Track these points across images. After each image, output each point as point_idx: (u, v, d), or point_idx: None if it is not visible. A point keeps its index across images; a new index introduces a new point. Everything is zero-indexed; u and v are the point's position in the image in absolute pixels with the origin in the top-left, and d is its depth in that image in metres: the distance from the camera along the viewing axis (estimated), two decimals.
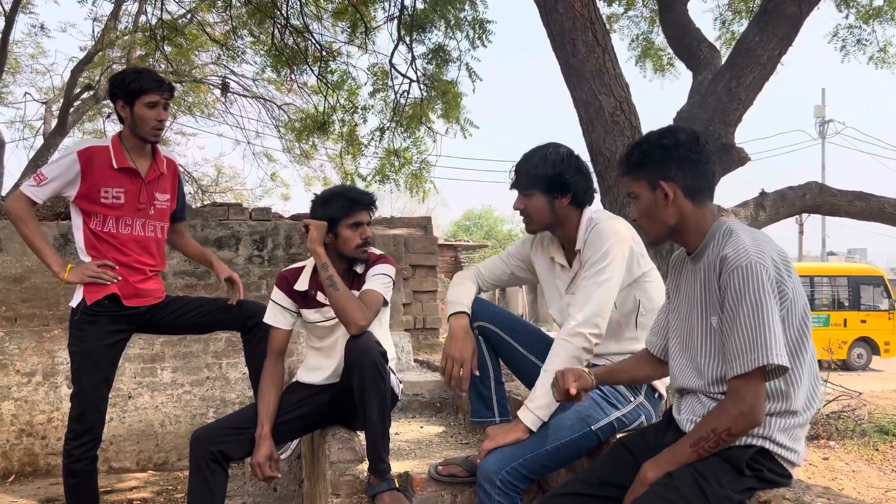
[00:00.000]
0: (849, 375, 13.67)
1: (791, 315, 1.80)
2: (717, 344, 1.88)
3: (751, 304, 1.74)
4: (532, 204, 2.56)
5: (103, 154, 3.03)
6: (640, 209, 2.02)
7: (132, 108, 3.01)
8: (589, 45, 4.32)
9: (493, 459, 2.36)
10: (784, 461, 1.82)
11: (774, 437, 1.80)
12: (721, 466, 1.78)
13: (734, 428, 1.76)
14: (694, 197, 1.96)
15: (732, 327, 1.78)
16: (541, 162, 2.54)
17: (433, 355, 5.62)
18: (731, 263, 1.79)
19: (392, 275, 2.96)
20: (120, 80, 3.05)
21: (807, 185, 5.57)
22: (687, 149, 1.95)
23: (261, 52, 9.94)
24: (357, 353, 2.66)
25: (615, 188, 4.42)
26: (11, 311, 5.32)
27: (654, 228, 2.02)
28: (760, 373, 1.74)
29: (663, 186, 1.95)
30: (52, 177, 3.00)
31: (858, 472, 7.51)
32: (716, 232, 1.93)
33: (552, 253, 2.69)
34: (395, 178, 9.11)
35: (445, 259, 20.31)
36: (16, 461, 5.29)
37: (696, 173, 1.96)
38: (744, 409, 1.75)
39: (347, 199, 2.88)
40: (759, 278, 1.75)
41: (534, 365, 2.69)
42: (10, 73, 13.40)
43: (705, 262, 1.93)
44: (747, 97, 4.79)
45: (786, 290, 1.79)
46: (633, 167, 2.02)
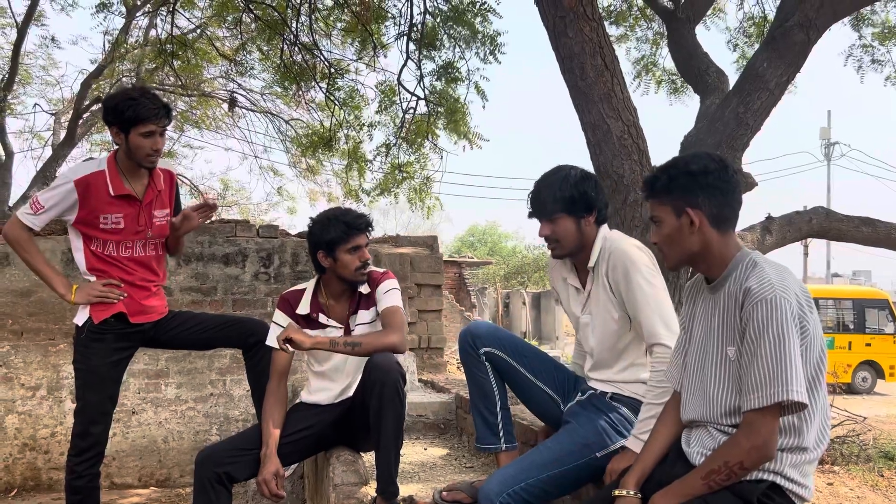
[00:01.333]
0: (853, 399, 13.57)
1: (809, 352, 1.79)
2: (731, 375, 1.87)
3: (774, 337, 1.73)
4: (559, 228, 2.53)
5: (99, 181, 2.98)
6: (662, 234, 1.99)
7: (127, 136, 2.92)
8: (598, 70, 4.34)
9: (495, 482, 2.36)
10: (795, 496, 1.80)
11: (785, 472, 1.79)
12: (732, 501, 1.77)
13: (746, 461, 1.75)
14: (720, 226, 1.94)
15: (753, 360, 1.76)
16: (563, 184, 2.52)
17: (437, 375, 5.61)
18: (755, 296, 1.77)
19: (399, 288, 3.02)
20: (114, 106, 2.94)
21: (813, 210, 5.56)
22: (716, 177, 1.92)
23: (269, 68, 10.00)
24: (378, 372, 2.67)
25: (622, 210, 4.42)
26: (18, 325, 5.33)
27: (675, 254, 2.00)
28: (777, 408, 1.73)
29: (690, 214, 1.93)
30: (48, 206, 2.97)
31: (863, 498, 7.43)
32: (739, 262, 1.91)
33: (564, 274, 2.68)
34: (395, 192, 9.14)
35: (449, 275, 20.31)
36: (18, 475, 5.28)
37: (724, 202, 1.94)
38: (757, 443, 1.74)
39: (344, 224, 2.89)
40: (783, 312, 1.73)
41: (540, 390, 2.69)
42: (20, 84, 13.50)
43: (726, 292, 1.91)
44: (755, 122, 4.80)
45: (807, 325, 1.78)
46: (658, 191, 1.99)
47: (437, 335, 6.09)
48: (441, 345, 6.10)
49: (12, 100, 13.33)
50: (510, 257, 33.61)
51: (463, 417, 4.09)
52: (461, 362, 2.79)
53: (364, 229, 2.93)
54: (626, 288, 2.43)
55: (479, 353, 2.67)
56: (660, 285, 2.44)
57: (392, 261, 5.99)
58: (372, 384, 2.68)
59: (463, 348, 2.72)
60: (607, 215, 2.60)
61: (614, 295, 2.48)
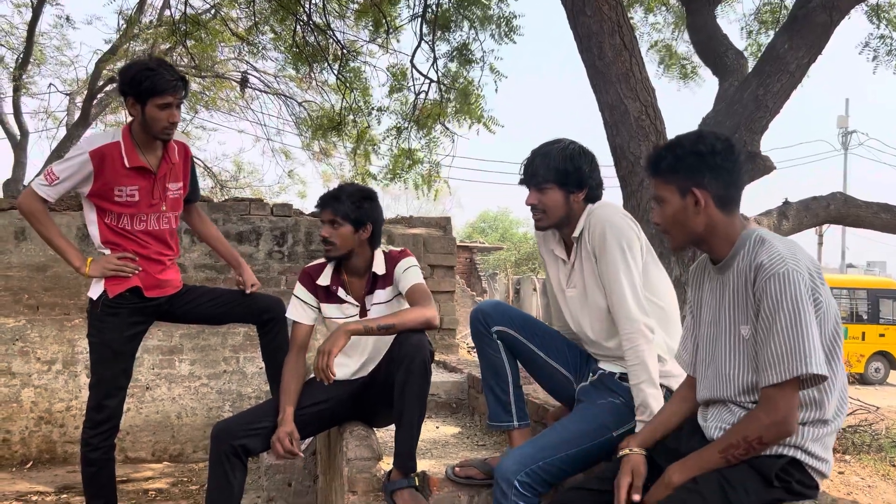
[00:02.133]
0: (866, 389, 13.52)
1: (824, 324, 1.78)
2: (746, 354, 1.85)
3: (789, 312, 1.71)
4: (547, 199, 2.51)
5: (115, 152, 2.95)
6: (666, 215, 1.97)
7: (143, 107, 2.89)
8: (616, 49, 4.30)
9: (512, 460, 2.35)
10: (814, 472, 1.79)
11: (807, 447, 1.78)
12: (749, 474, 1.76)
13: (766, 437, 1.74)
14: (725, 206, 1.92)
15: (769, 336, 1.74)
16: (559, 156, 2.49)
17: (449, 356, 5.62)
18: (767, 271, 1.76)
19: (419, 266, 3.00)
20: (131, 77, 2.90)
21: (831, 196, 5.51)
22: (723, 157, 1.90)
23: (282, 48, 9.97)
24: (408, 347, 2.65)
25: (639, 193, 4.40)
26: (34, 300, 5.37)
27: (679, 235, 1.98)
28: (796, 382, 1.72)
29: (696, 193, 1.90)
30: (63, 177, 2.94)
31: (874, 487, 7.41)
32: (746, 240, 1.89)
33: (552, 246, 2.65)
34: (404, 177, 9.12)
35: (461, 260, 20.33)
36: (34, 448, 5.34)
37: (729, 182, 1.92)
38: (777, 419, 1.73)
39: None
40: (797, 286, 1.72)
41: (553, 368, 2.67)
42: (35, 64, 13.53)
43: (735, 270, 1.89)
44: (774, 105, 4.75)
45: (820, 298, 1.77)
46: (663, 171, 1.96)
47: (449, 316, 6.09)
48: (453, 325, 6.10)
49: (27, 79, 13.37)
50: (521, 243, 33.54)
51: (475, 397, 4.09)
52: (473, 341, 2.77)
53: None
54: (601, 253, 2.41)
55: (492, 331, 2.65)
56: (637, 257, 2.40)
57: (405, 241, 5.98)
58: (401, 359, 2.66)
59: (475, 327, 2.70)
60: (600, 195, 2.55)
61: (598, 265, 2.45)
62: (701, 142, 1.93)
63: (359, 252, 2.93)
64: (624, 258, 2.38)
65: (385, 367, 2.84)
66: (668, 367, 2.41)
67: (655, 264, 2.51)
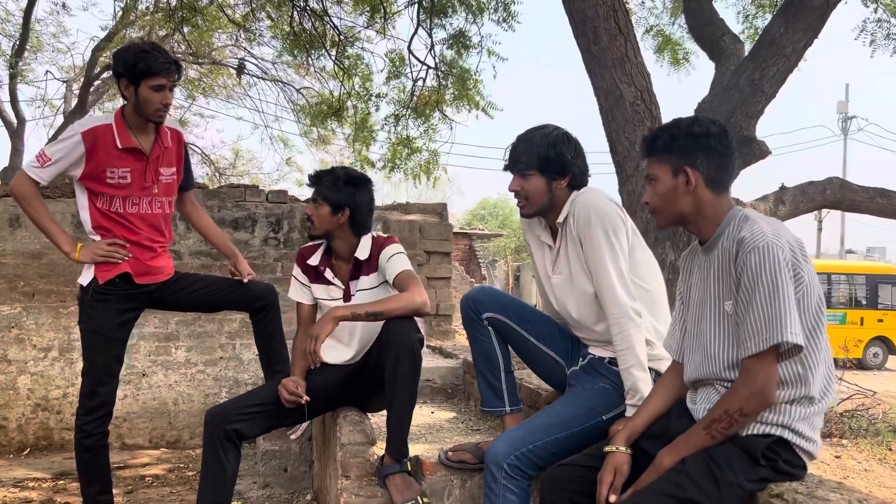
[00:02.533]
0: (864, 374, 13.54)
1: (807, 299, 1.79)
2: (730, 330, 1.87)
3: (768, 283, 1.74)
4: (529, 185, 2.50)
5: (107, 134, 2.95)
6: (657, 193, 2.00)
7: (137, 89, 2.90)
8: (611, 34, 4.28)
9: (501, 443, 2.35)
10: (802, 451, 1.80)
11: (794, 426, 1.78)
12: (735, 454, 1.77)
13: (746, 408, 1.76)
14: (715, 187, 1.95)
15: (748, 308, 1.77)
16: (541, 142, 2.47)
17: (445, 341, 5.63)
18: (748, 245, 1.79)
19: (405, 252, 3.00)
20: (125, 58, 2.91)
21: (827, 181, 5.51)
22: (717, 140, 1.94)
23: (279, 34, 9.93)
24: (395, 334, 2.66)
25: (634, 178, 4.39)
26: (29, 287, 5.37)
27: (667, 213, 2.01)
28: (774, 352, 1.74)
29: (688, 173, 1.94)
30: (55, 158, 2.93)
31: (871, 471, 7.45)
32: (731, 219, 1.93)
33: (538, 232, 2.64)
34: (403, 167, 9.10)
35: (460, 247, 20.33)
36: (31, 435, 5.36)
37: (721, 165, 1.95)
38: (755, 389, 1.74)
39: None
40: (775, 259, 1.75)
41: (544, 353, 2.67)
42: (31, 51, 13.49)
43: (720, 249, 1.92)
44: (770, 89, 4.73)
45: (801, 273, 1.79)
46: (658, 150, 2.00)
47: (445, 302, 6.10)
48: (449, 312, 6.11)
49: (23, 67, 13.32)
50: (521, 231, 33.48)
51: (470, 382, 4.10)
52: (464, 327, 2.77)
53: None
54: (585, 238, 2.40)
55: (482, 317, 2.65)
56: (623, 242, 2.39)
57: (401, 228, 5.97)
58: (388, 345, 2.67)
59: (465, 313, 2.70)
60: (585, 182, 2.53)
61: (583, 250, 2.44)
62: (697, 124, 1.97)
63: (339, 235, 2.93)
64: (609, 243, 2.37)
65: (375, 352, 2.85)
66: (656, 351, 2.41)
67: (642, 248, 2.50)
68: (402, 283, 2.82)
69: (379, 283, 2.94)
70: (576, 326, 2.59)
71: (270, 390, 2.93)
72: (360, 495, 2.62)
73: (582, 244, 2.43)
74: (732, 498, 1.74)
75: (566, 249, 2.51)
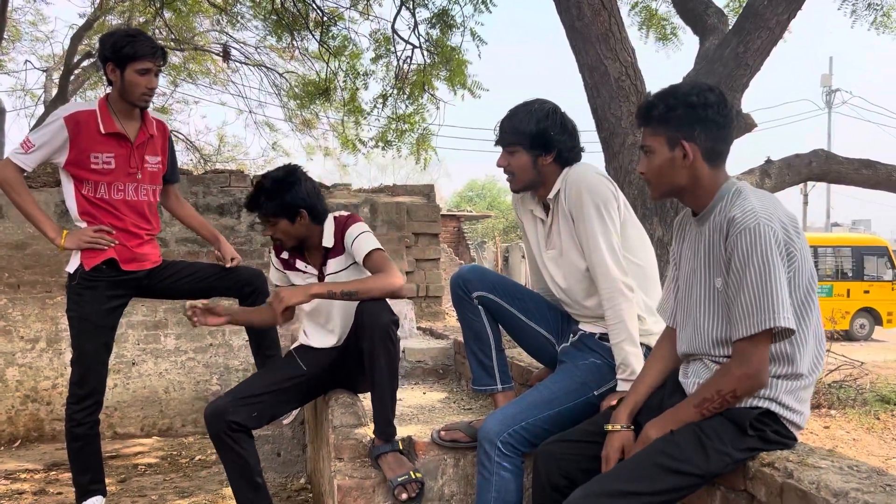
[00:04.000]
0: (851, 346, 13.69)
1: (798, 276, 1.78)
2: (721, 306, 1.86)
3: (758, 266, 1.71)
4: (515, 161, 2.49)
5: (90, 119, 2.97)
6: (652, 165, 1.94)
7: (122, 72, 2.93)
8: (595, 9, 4.25)
9: (494, 421, 2.36)
10: (789, 423, 1.81)
11: (780, 398, 1.79)
12: (724, 425, 1.78)
13: (739, 390, 1.76)
14: (712, 160, 1.90)
15: (739, 289, 1.75)
16: (525, 118, 2.46)
17: (436, 323, 5.63)
18: (738, 225, 1.75)
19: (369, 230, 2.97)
20: (112, 42, 2.95)
21: (813, 153, 5.51)
22: (715, 111, 1.87)
23: (260, 16, 9.81)
24: (368, 317, 2.66)
25: (620, 154, 4.38)
26: (14, 278, 5.32)
27: (662, 186, 1.96)
28: (767, 335, 1.73)
29: (685, 146, 1.88)
30: (39, 144, 2.94)
31: (859, 440, 7.54)
32: (725, 193, 1.88)
33: (531, 206, 2.63)
34: (397, 144, 9.04)
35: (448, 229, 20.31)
36: (21, 426, 5.34)
37: (719, 136, 1.89)
38: (749, 371, 1.74)
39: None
40: (766, 240, 1.72)
41: (534, 331, 2.68)
42: (10, 40, 13.27)
43: (711, 223, 1.89)
44: (755, 62, 4.71)
45: (794, 251, 1.77)
46: (653, 120, 1.92)
47: (435, 284, 6.09)
48: (439, 293, 6.11)
49: (2, 56, 13.14)
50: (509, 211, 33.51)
51: (461, 362, 4.10)
52: (454, 307, 2.77)
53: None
54: (577, 214, 2.40)
55: (472, 296, 2.65)
56: (614, 216, 2.39)
57: (388, 210, 5.95)
58: (363, 329, 2.68)
59: (455, 293, 2.70)
60: (575, 157, 2.50)
61: (574, 225, 2.44)
62: (694, 93, 1.89)
63: (308, 233, 2.91)
64: (601, 218, 2.37)
65: (353, 334, 2.85)
66: (647, 326, 2.42)
67: (634, 224, 2.50)
68: (374, 264, 2.81)
69: (348, 265, 2.93)
70: (567, 302, 2.59)
71: (266, 379, 2.93)
72: (353, 476, 2.62)
73: (574, 219, 2.42)
74: (721, 466, 1.76)
75: (558, 225, 2.50)
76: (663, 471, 1.75)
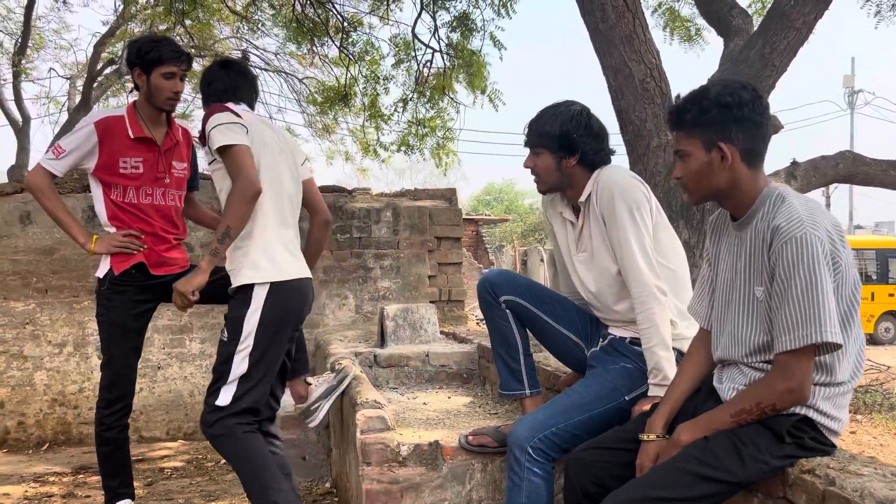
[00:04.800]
0: (876, 349, 13.50)
1: (843, 286, 1.73)
2: (759, 315, 1.81)
3: (804, 277, 1.66)
4: (540, 162, 2.49)
5: (119, 124, 3.03)
6: (689, 169, 1.88)
7: (149, 77, 3.00)
8: (619, 11, 4.24)
9: (524, 426, 2.35)
10: (827, 430, 1.77)
11: (818, 405, 1.75)
12: (760, 432, 1.74)
13: (780, 404, 1.71)
14: (751, 161, 1.83)
15: (784, 301, 1.69)
16: (550, 120, 2.46)
17: (458, 327, 5.62)
18: (784, 234, 1.69)
19: (226, 120, 2.67)
20: (138, 48, 3.03)
21: (840, 155, 5.45)
22: (750, 109, 1.80)
23: (280, 23, 9.88)
24: None
25: (645, 157, 4.35)
26: (42, 283, 5.38)
27: (700, 190, 1.90)
28: (811, 349, 1.68)
29: (722, 149, 1.81)
30: (69, 149, 3.00)
31: (886, 445, 7.43)
32: (766, 198, 1.82)
33: (562, 209, 2.62)
34: (419, 147, 9.06)
35: (467, 233, 20.30)
36: (49, 430, 5.39)
37: (756, 136, 1.83)
38: (792, 386, 1.69)
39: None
40: (813, 251, 1.66)
41: (563, 335, 2.66)
42: (34, 48, 13.46)
43: (753, 229, 1.83)
44: (781, 63, 4.67)
45: (839, 260, 1.71)
46: (687, 124, 1.86)
47: (457, 288, 6.08)
48: (461, 297, 6.09)
49: (27, 64, 13.31)
50: (527, 214, 33.45)
51: (485, 367, 4.09)
52: (481, 311, 2.76)
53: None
54: (609, 217, 2.38)
55: (500, 300, 2.64)
56: (646, 219, 2.37)
57: (411, 214, 5.95)
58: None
59: (483, 297, 2.69)
60: (602, 159, 2.48)
61: (606, 229, 2.42)
62: (727, 92, 1.82)
63: None
64: (633, 221, 2.35)
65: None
66: (678, 330, 2.39)
67: (665, 227, 2.48)
68: (229, 165, 2.65)
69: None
70: (596, 306, 2.58)
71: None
72: (381, 481, 2.62)
73: (605, 222, 2.41)
74: (757, 473, 1.73)
75: (590, 228, 2.49)
76: (698, 478, 1.72)
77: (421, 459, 2.64)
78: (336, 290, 5.86)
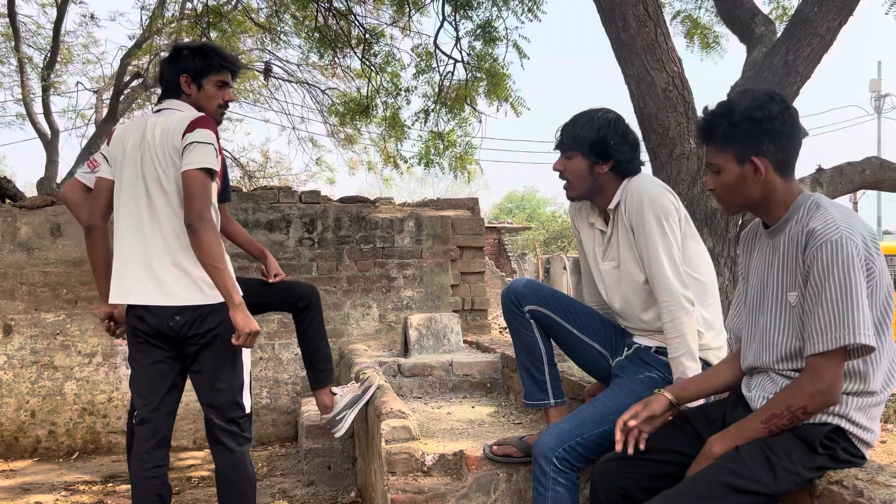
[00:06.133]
0: None
1: (876, 294, 1.73)
2: (791, 321, 1.81)
3: (839, 280, 1.66)
4: (571, 166, 2.50)
5: None
6: (722, 183, 1.90)
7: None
8: (640, 20, 4.24)
9: (550, 436, 2.35)
10: (859, 441, 1.76)
11: (851, 415, 1.74)
12: (793, 442, 1.73)
13: (810, 406, 1.71)
14: (783, 171, 1.85)
15: (817, 303, 1.70)
16: (587, 124, 2.47)
17: (482, 336, 5.62)
18: (819, 237, 1.71)
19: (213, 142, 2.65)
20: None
21: (866, 161, 5.38)
22: (781, 121, 1.82)
23: (303, 34, 9.97)
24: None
25: (669, 165, 4.34)
26: (72, 294, 5.48)
27: (734, 202, 1.92)
28: (842, 352, 1.68)
29: (755, 162, 1.84)
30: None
31: None
32: (801, 205, 1.84)
33: (592, 218, 2.62)
34: (439, 161, 9.09)
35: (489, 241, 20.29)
36: (79, 439, 5.47)
37: (788, 147, 1.85)
38: (822, 388, 1.69)
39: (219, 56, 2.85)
40: (849, 254, 1.67)
41: (587, 345, 2.66)
42: (62, 62, 13.71)
43: (787, 235, 1.84)
44: (805, 70, 4.63)
45: (873, 266, 1.72)
46: (718, 138, 1.88)
47: (480, 297, 6.09)
48: (484, 306, 6.10)
49: (55, 78, 13.55)
50: (549, 222, 33.36)
51: (509, 376, 4.09)
52: (505, 321, 2.77)
53: (235, 69, 2.91)
54: (638, 226, 2.39)
55: (524, 310, 2.65)
56: (675, 229, 2.37)
57: (434, 223, 5.98)
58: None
59: (506, 307, 2.70)
60: (634, 168, 2.50)
61: (634, 237, 2.42)
62: (756, 106, 1.84)
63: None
64: (662, 230, 2.35)
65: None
66: (705, 341, 2.39)
67: (693, 237, 2.48)
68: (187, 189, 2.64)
69: None
70: (622, 315, 2.58)
71: None
72: (406, 491, 2.63)
73: (633, 231, 2.41)
74: (790, 485, 1.72)
75: (618, 236, 2.49)
76: (729, 489, 1.72)
77: (446, 469, 2.66)
78: (360, 299, 5.89)
